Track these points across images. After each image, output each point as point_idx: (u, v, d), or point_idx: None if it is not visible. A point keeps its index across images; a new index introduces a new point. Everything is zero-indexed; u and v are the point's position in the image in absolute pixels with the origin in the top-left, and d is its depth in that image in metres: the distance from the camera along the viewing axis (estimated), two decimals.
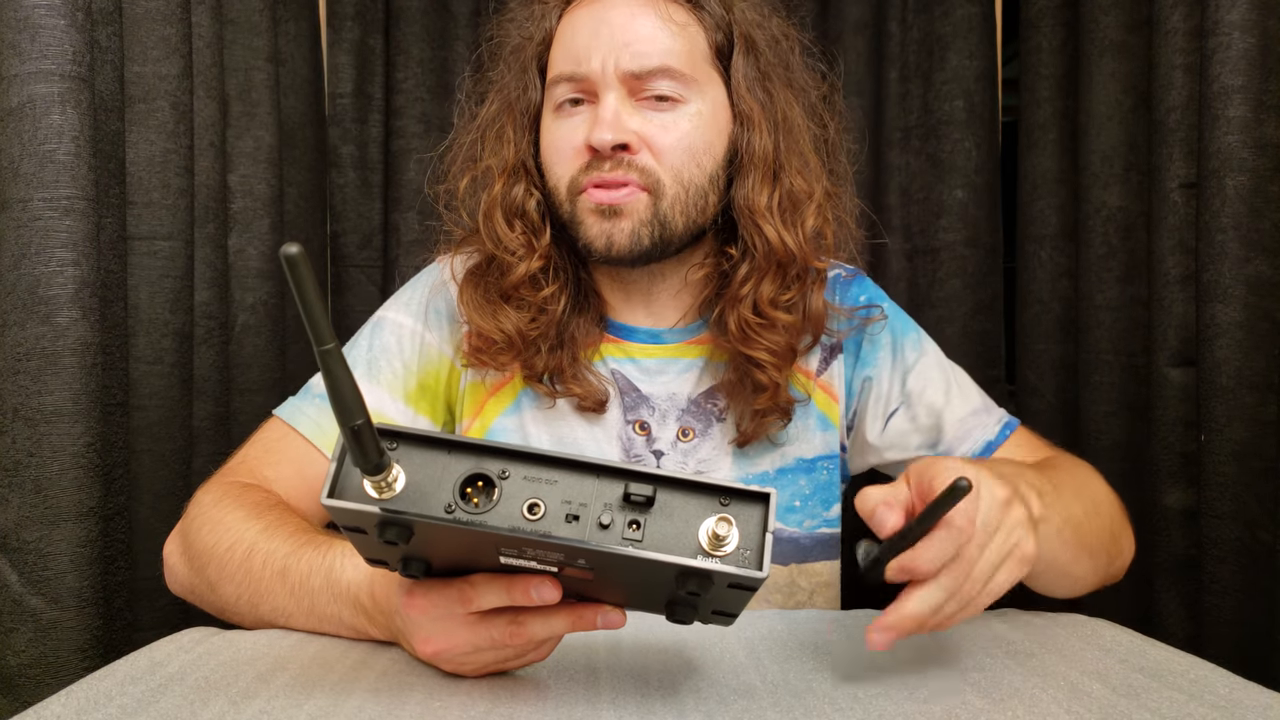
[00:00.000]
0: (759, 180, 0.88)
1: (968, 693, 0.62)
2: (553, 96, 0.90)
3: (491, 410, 0.94)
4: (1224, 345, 1.07)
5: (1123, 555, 0.86)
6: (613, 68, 0.85)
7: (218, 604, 0.77)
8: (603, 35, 0.86)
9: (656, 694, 0.61)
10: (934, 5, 1.58)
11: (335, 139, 1.62)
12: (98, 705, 0.57)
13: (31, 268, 0.91)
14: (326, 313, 0.42)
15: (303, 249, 0.39)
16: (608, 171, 0.85)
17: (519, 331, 0.89)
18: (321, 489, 0.49)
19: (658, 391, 0.93)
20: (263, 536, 0.74)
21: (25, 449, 0.91)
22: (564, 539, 0.49)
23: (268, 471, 0.86)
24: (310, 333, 0.42)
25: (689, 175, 0.86)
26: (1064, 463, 0.89)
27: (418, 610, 0.58)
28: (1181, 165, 1.16)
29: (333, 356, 0.44)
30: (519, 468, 0.51)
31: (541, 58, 0.93)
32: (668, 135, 0.86)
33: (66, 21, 0.91)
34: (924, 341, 0.99)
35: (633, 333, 0.95)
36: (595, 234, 0.86)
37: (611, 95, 0.85)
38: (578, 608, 0.58)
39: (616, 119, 0.84)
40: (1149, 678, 0.65)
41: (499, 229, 0.90)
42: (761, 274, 0.88)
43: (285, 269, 0.39)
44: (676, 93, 0.86)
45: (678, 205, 0.86)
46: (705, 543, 0.50)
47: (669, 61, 0.85)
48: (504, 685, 0.62)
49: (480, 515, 0.50)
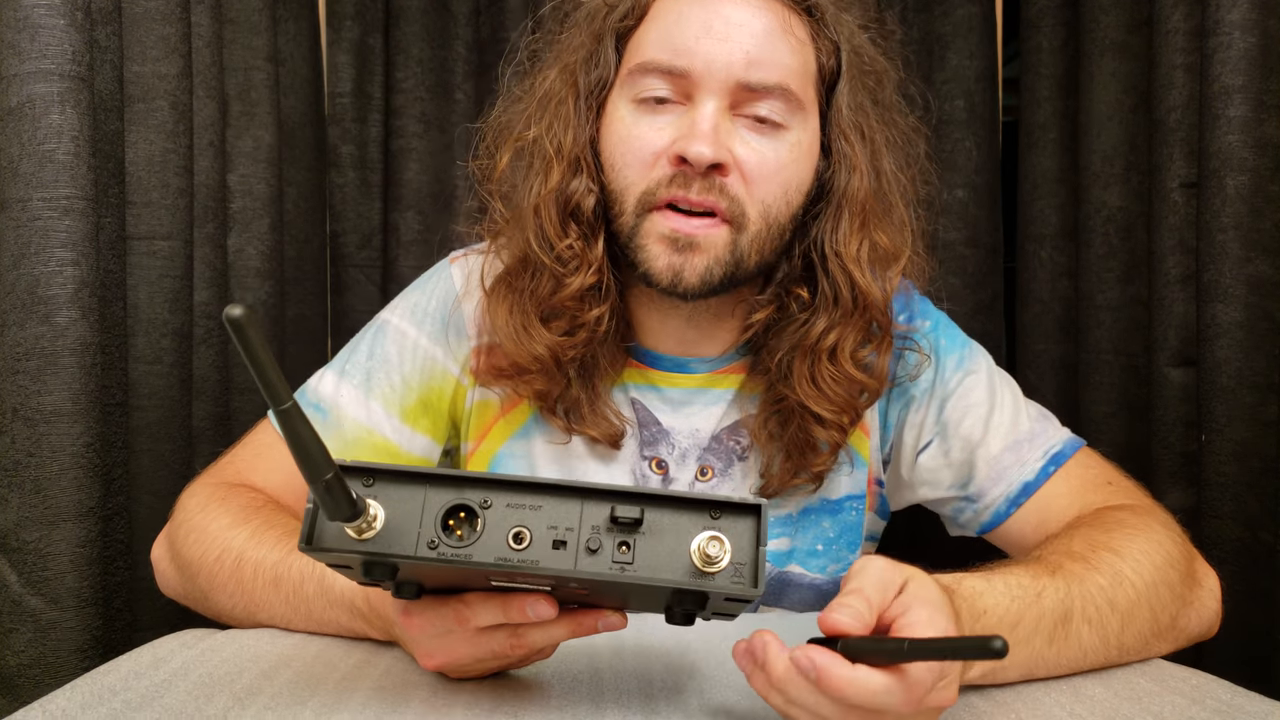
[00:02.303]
0: (852, 226, 0.80)
1: (971, 695, 0.62)
2: (635, 85, 0.78)
3: (499, 434, 0.88)
4: (1224, 345, 1.07)
5: (1186, 630, 0.72)
6: (723, 73, 0.74)
7: (212, 611, 0.76)
8: (717, 31, 0.75)
9: (660, 693, 0.61)
10: (934, 5, 1.57)
11: (335, 138, 1.62)
12: (102, 700, 0.57)
13: (31, 267, 0.90)
14: (279, 371, 0.40)
15: (248, 310, 0.37)
16: (694, 193, 0.75)
17: (552, 354, 0.80)
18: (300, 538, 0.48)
19: (679, 426, 0.87)
20: (250, 544, 0.72)
21: (25, 449, 0.90)
22: (552, 570, 0.48)
23: (256, 478, 0.84)
24: (265, 394, 0.40)
25: (776, 211, 0.78)
26: (1114, 534, 0.72)
27: (415, 629, 0.57)
28: (1182, 165, 1.16)
29: (291, 416, 0.42)
30: (501, 495, 0.50)
31: (624, 32, 0.81)
32: (765, 164, 0.76)
33: (66, 21, 0.91)
34: (970, 359, 0.89)
35: (659, 360, 0.87)
36: (662, 266, 0.76)
37: (712, 103, 0.75)
38: (577, 614, 0.57)
39: (716, 133, 0.74)
40: (1151, 681, 0.65)
41: (550, 229, 0.79)
42: (846, 325, 0.80)
43: (230, 332, 0.37)
44: (782, 117, 0.77)
45: (757, 242, 0.78)
46: (697, 561, 0.49)
47: (788, 81, 0.76)
48: (508, 684, 0.62)
49: (465, 548, 0.49)
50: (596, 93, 0.81)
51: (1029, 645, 0.62)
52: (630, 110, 0.79)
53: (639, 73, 0.78)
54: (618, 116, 0.79)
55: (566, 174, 0.80)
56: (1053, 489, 0.82)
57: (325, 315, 1.58)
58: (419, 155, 1.60)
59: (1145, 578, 0.68)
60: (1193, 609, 0.72)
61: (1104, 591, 0.66)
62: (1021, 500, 0.83)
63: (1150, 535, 0.72)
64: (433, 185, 1.61)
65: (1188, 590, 0.72)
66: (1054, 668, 0.64)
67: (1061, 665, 0.64)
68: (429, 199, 1.61)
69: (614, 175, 0.79)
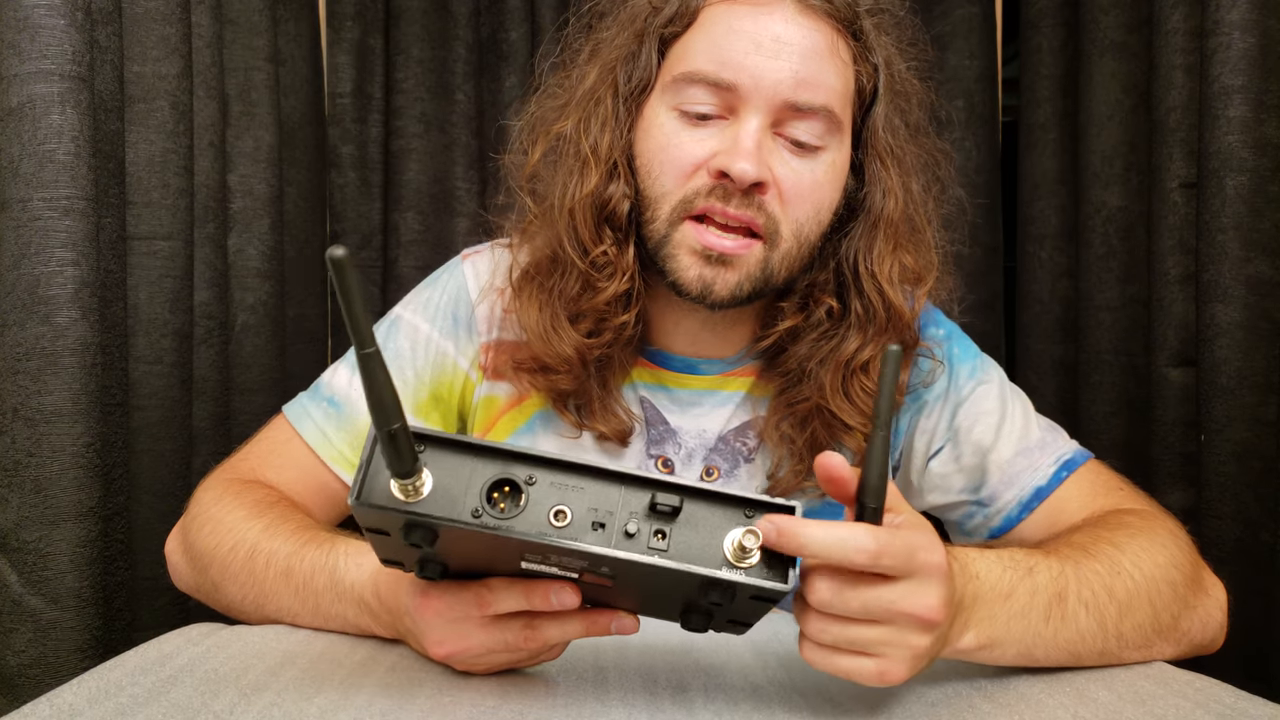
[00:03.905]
0: (886, 247, 0.81)
1: (975, 697, 0.62)
2: (679, 93, 0.77)
3: (504, 428, 0.89)
4: (1224, 345, 1.07)
5: (1190, 635, 0.71)
6: (770, 90, 0.74)
7: (223, 603, 0.76)
8: (767, 49, 0.74)
9: (665, 693, 0.61)
10: (934, 5, 1.58)
11: (335, 139, 1.62)
12: (109, 695, 0.57)
13: (31, 268, 0.90)
14: (368, 316, 0.42)
15: (349, 252, 0.40)
16: (733, 208, 0.75)
17: (579, 353, 0.80)
18: (350, 491, 0.49)
19: (687, 426, 0.87)
20: (264, 536, 0.73)
21: (25, 449, 0.90)
22: (590, 548, 0.49)
23: (270, 474, 0.85)
24: (352, 335, 0.42)
25: (808, 230, 0.78)
26: (1117, 532, 0.72)
27: (432, 612, 0.57)
28: (1181, 165, 1.16)
29: (373, 360, 0.43)
30: (546, 474, 0.51)
31: (669, 37, 0.80)
32: (802, 184, 0.76)
33: (66, 21, 0.90)
34: (982, 370, 0.90)
35: (669, 360, 0.88)
36: (692, 278, 0.76)
37: (756, 120, 0.74)
38: (592, 613, 0.57)
39: (760, 151, 0.74)
40: (1155, 684, 0.65)
41: (585, 233, 0.79)
42: (879, 340, 0.81)
43: (331, 271, 0.40)
44: (820, 139, 0.77)
45: (787, 260, 0.78)
46: (730, 554, 0.50)
47: (832, 103, 0.76)
48: (513, 681, 0.62)
49: (507, 521, 0.50)
50: (636, 95, 0.81)
51: (1025, 619, 0.62)
52: (672, 118, 0.78)
53: (684, 82, 0.77)
54: (658, 123, 0.79)
55: (604, 178, 0.79)
56: (1064, 494, 0.83)
57: (325, 315, 1.58)
58: (419, 155, 1.60)
59: (1144, 571, 0.68)
60: (1197, 615, 0.72)
61: (1100, 577, 0.66)
62: (1034, 505, 0.83)
63: (1154, 536, 0.72)
64: (433, 185, 1.61)
65: (1192, 594, 0.71)
66: (1051, 649, 0.64)
67: (1059, 646, 0.64)
68: (429, 199, 1.61)
69: (650, 181, 0.79)
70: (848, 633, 0.54)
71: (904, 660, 0.54)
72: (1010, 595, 0.62)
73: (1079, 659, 0.66)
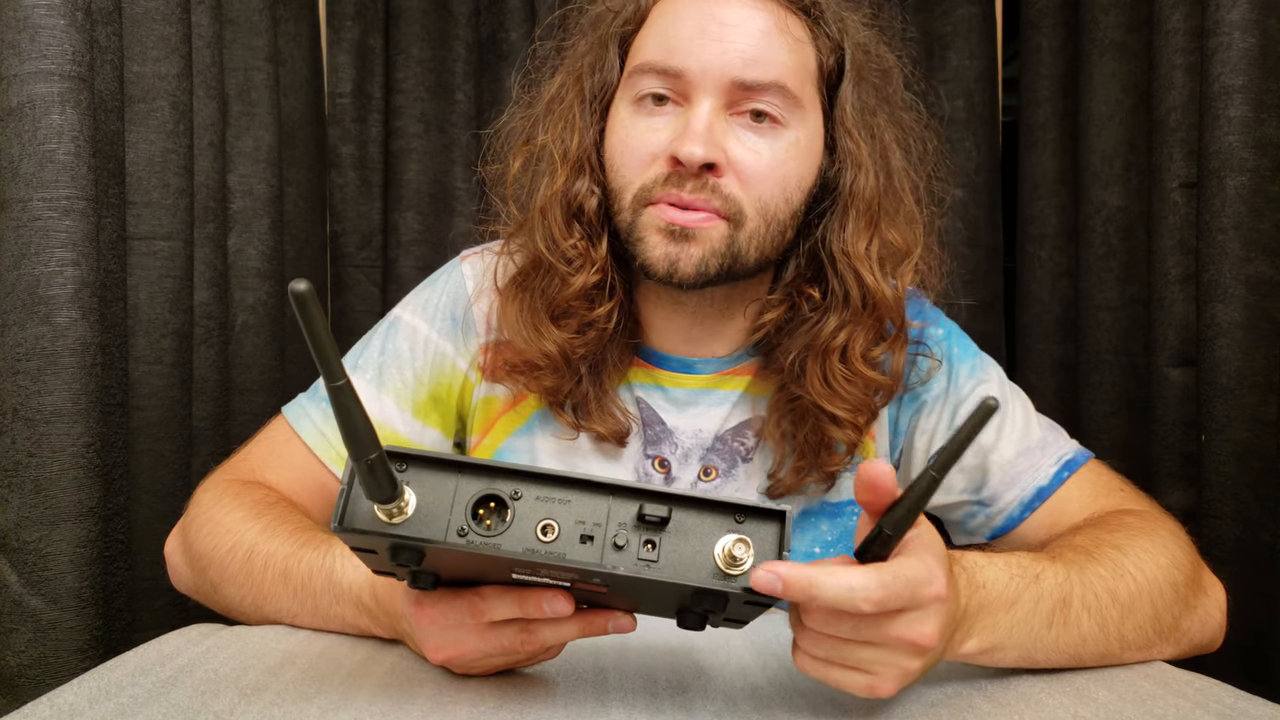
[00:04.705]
0: (859, 225, 0.80)
1: (975, 697, 0.62)
2: (634, 86, 0.79)
3: (502, 429, 0.89)
4: (1224, 345, 1.07)
5: (1190, 635, 0.71)
6: (717, 72, 0.75)
7: (222, 604, 0.76)
8: (711, 32, 0.75)
9: (665, 693, 0.61)
10: (934, 5, 1.58)
11: (335, 139, 1.62)
12: (109, 695, 0.57)
13: (31, 268, 0.90)
14: (335, 348, 0.42)
15: (311, 286, 0.39)
16: (688, 192, 0.75)
17: (562, 352, 0.81)
18: (331, 517, 0.49)
19: (684, 426, 0.87)
20: (263, 538, 0.73)
21: (25, 449, 0.90)
22: (579, 562, 0.49)
23: (269, 475, 0.85)
24: (320, 368, 0.41)
25: (774, 209, 0.78)
26: (1118, 533, 0.73)
27: (427, 620, 0.57)
28: (1181, 165, 1.16)
29: (344, 393, 0.43)
30: (531, 488, 0.50)
31: (626, 37, 0.83)
32: (760, 162, 0.76)
33: (66, 21, 0.90)
34: (982, 369, 0.89)
35: (665, 360, 0.88)
36: (659, 255, 0.77)
37: (707, 103, 0.75)
38: (588, 614, 0.57)
39: (710, 133, 0.74)
40: (1155, 684, 0.65)
41: (555, 230, 0.81)
42: (856, 324, 0.80)
43: (294, 307, 0.39)
44: (779, 114, 0.77)
45: (755, 239, 0.78)
46: (721, 562, 0.50)
47: (784, 79, 0.76)
48: (513, 682, 0.62)
49: (493, 538, 0.49)
50: (601, 97, 0.83)
51: (1028, 625, 0.62)
52: (630, 111, 0.80)
53: (636, 73, 0.79)
54: (619, 119, 0.81)
55: (570, 176, 0.81)
56: (1066, 494, 0.83)
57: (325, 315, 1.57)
58: (419, 155, 1.61)
59: (1147, 573, 0.68)
60: (1197, 615, 0.72)
61: (1104, 581, 0.66)
62: (1035, 505, 0.83)
63: (1155, 537, 0.72)
64: (433, 185, 1.61)
65: (1192, 595, 0.72)
66: (1052, 652, 0.64)
67: (1060, 650, 0.64)
68: (429, 199, 1.61)
69: (614, 175, 0.81)
70: (841, 651, 0.54)
71: (894, 679, 0.54)
72: (1015, 603, 0.62)
73: (1080, 660, 0.66)
